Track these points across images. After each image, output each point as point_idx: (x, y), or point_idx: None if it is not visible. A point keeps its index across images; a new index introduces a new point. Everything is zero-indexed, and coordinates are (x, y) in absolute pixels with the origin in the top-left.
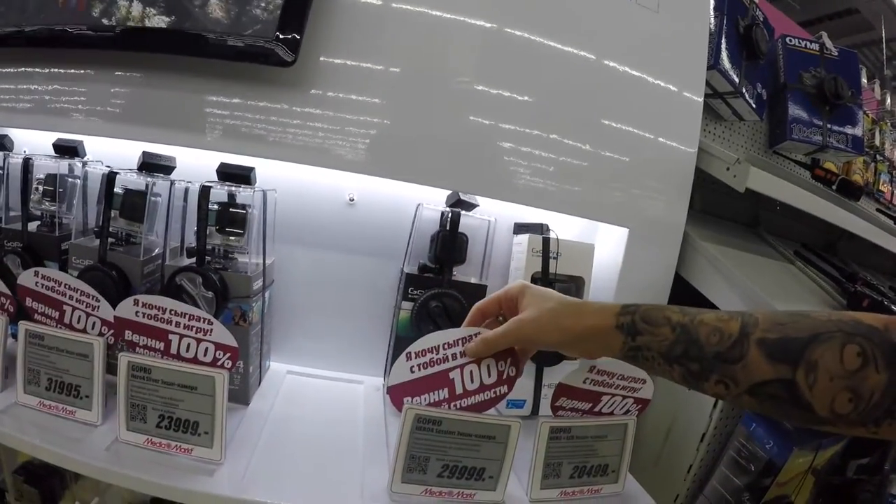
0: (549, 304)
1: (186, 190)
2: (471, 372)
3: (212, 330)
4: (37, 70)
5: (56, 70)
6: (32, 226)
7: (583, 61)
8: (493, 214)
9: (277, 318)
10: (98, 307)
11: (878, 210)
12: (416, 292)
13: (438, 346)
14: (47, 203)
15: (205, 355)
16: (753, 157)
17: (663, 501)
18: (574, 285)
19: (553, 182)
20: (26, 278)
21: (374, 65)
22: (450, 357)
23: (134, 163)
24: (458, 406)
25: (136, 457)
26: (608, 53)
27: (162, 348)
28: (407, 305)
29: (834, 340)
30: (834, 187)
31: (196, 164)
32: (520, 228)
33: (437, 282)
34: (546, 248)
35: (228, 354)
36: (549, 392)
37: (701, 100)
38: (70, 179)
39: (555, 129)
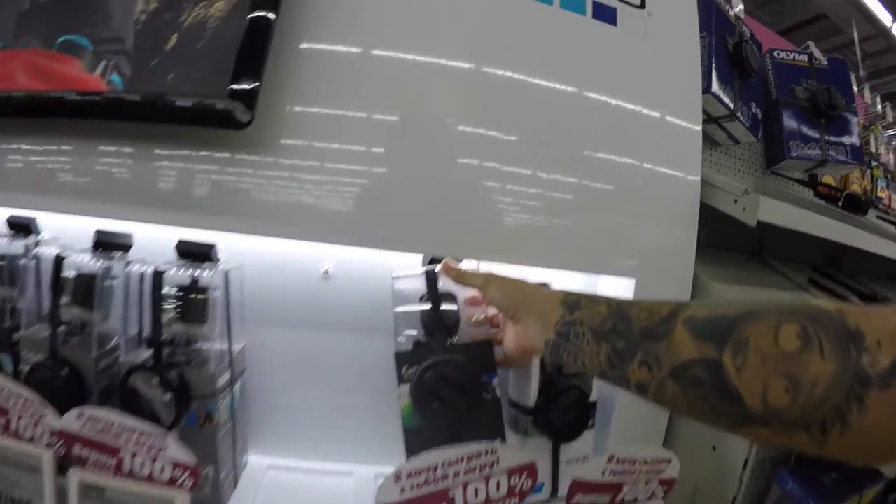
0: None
1: (144, 273)
2: (476, 489)
3: (167, 447)
4: None
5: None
6: None
7: (571, 98)
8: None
9: (254, 407)
10: (45, 416)
11: (878, 217)
12: (411, 371)
13: (437, 465)
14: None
15: (161, 473)
16: (758, 183)
17: None
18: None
19: (547, 238)
20: None
21: (344, 126)
22: (451, 475)
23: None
24: None
25: None
26: (597, 88)
27: (114, 465)
28: (405, 389)
29: (769, 318)
30: (840, 204)
31: (158, 240)
32: None
33: (432, 351)
34: None
35: (188, 472)
36: (568, 469)
37: (699, 128)
38: (22, 261)
39: (546, 182)
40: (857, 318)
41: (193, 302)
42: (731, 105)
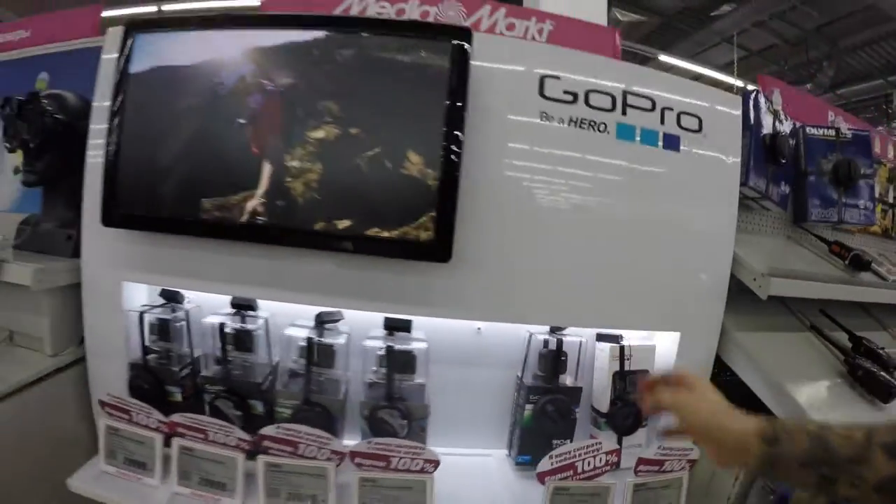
0: (715, 396)
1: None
2: (588, 462)
3: (423, 451)
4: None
5: (247, 252)
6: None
7: (648, 220)
8: (579, 332)
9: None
10: (330, 442)
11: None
12: (534, 397)
13: (570, 450)
14: (236, 352)
15: (417, 467)
16: (787, 235)
17: None
18: (641, 378)
19: (621, 308)
20: (269, 430)
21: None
22: (576, 454)
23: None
24: (580, 478)
25: None
26: (663, 200)
27: (384, 465)
28: (529, 407)
29: None
30: (847, 262)
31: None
32: (601, 338)
33: (548, 389)
34: (622, 354)
35: (433, 464)
36: (628, 451)
37: (731, 234)
38: (252, 331)
39: (626, 275)
40: None
41: (407, 360)
42: (764, 190)
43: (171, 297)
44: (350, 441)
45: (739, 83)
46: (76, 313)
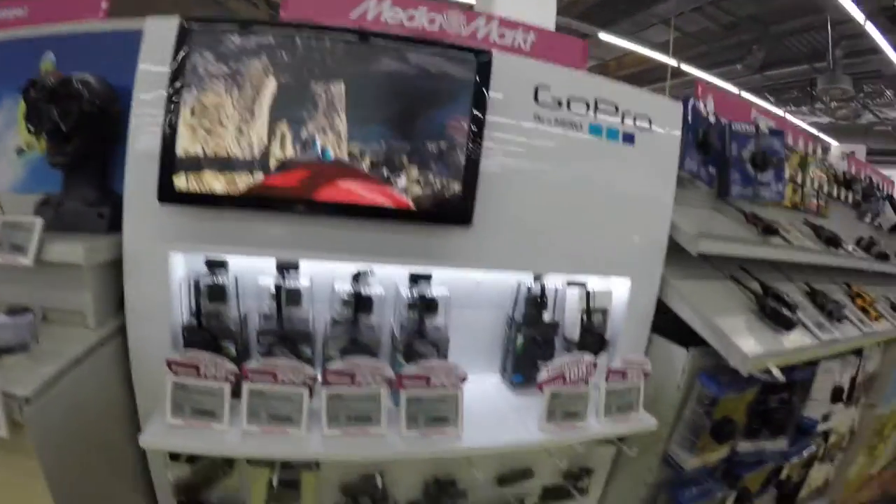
0: None
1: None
2: (574, 371)
3: (456, 368)
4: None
5: (290, 222)
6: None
7: (612, 183)
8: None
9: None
10: (384, 370)
11: (805, 222)
12: (525, 330)
13: (563, 363)
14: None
15: (451, 383)
16: (713, 206)
17: (661, 422)
18: (602, 314)
19: (589, 259)
20: (335, 365)
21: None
22: (566, 367)
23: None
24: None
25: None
26: (622, 177)
27: (425, 384)
28: (520, 338)
29: None
30: (760, 229)
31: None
32: (570, 284)
33: (534, 323)
34: (587, 296)
35: (462, 379)
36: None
37: (670, 206)
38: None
39: (591, 234)
40: None
41: (433, 304)
42: (696, 172)
43: (217, 264)
44: None
45: (673, 62)
46: (114, 286)
